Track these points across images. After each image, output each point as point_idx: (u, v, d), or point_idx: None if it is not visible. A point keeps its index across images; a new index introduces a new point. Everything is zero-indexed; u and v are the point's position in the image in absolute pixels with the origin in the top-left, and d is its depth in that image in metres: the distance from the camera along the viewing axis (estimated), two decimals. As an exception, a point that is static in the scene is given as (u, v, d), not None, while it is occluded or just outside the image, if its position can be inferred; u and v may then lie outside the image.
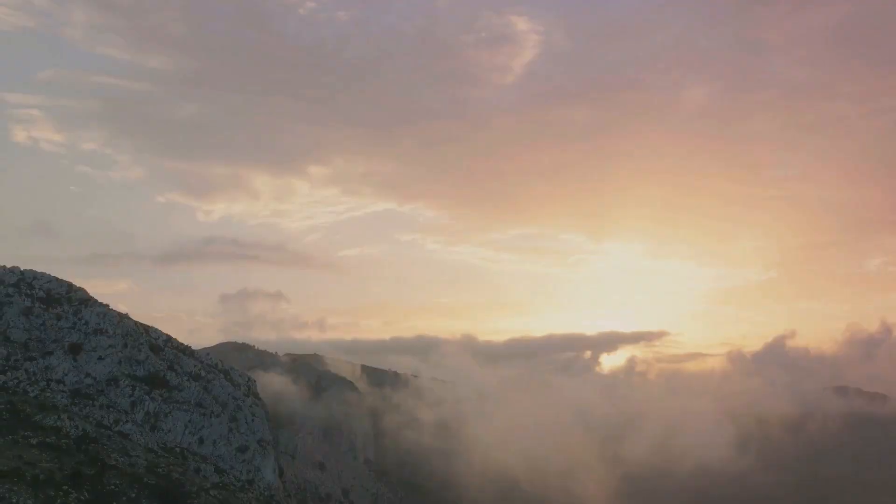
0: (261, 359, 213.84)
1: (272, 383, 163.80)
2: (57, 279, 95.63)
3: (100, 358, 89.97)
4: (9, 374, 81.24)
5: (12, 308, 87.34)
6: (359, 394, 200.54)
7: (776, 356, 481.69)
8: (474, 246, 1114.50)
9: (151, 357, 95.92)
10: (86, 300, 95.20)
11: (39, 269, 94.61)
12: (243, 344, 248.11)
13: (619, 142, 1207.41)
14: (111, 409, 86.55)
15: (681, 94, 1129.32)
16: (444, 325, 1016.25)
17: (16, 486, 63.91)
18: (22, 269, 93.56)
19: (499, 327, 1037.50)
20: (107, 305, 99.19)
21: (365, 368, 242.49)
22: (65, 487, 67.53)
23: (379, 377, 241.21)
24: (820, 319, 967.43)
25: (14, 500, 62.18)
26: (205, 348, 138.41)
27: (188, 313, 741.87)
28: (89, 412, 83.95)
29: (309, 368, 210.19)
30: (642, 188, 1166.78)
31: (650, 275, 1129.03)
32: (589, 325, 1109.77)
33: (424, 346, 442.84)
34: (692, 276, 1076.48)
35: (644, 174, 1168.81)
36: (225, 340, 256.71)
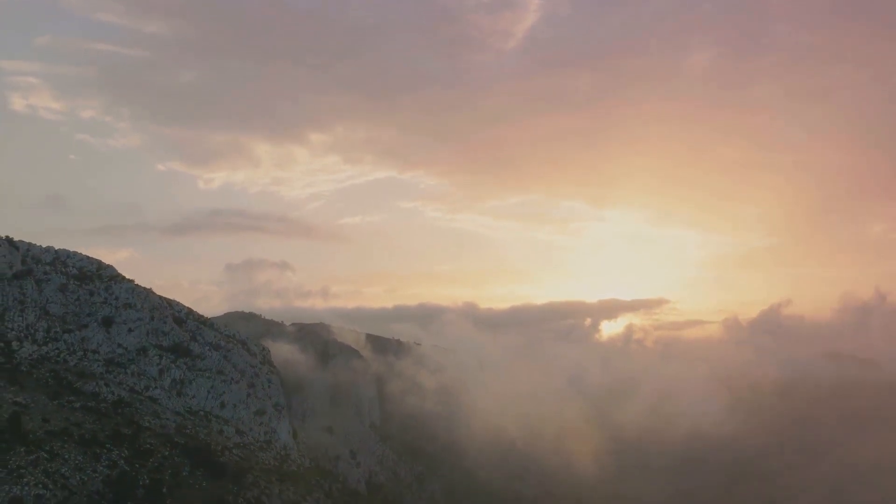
0: (268, 328, 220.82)
1: (280, 351, 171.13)
2: (88, 257, 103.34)
3: (129, 330, 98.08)
4: (50, 345, 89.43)
5: (50, 284, 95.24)
6: (364, 361, 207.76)
7: (771, 323, 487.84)
8: (475, 214, 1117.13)
9: (175, 329, 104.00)
10: (114, 276, 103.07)
11: (48, 242, 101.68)
12: (250, 313, 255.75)
13: (620, 108, 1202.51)
14: (141, 377, 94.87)
15: (683, 59, 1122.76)
16: (445, 292, 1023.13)
17: (66, 444, 72.45)
18: (56, 248, 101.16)
19: (500, 295, 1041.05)
20: (132, 281, 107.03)
21: (369, 337, 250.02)
22: (107, 445, 76.25)
23: (383, 345, 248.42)
24: (822, 286, 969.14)
25: (66, 456, 70.82)
26: (212, 318, 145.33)
27: (191, 283, 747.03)
28: (122, 379, 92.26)
29: (315, 337, 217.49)
30: (644, 155, 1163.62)
31: (651, 242, 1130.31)
32: (589, 293, 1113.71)
33: (426, 314, 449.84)
34: (693, 243, 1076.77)
35: (646, 141, 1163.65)
36: (231, 310, 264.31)
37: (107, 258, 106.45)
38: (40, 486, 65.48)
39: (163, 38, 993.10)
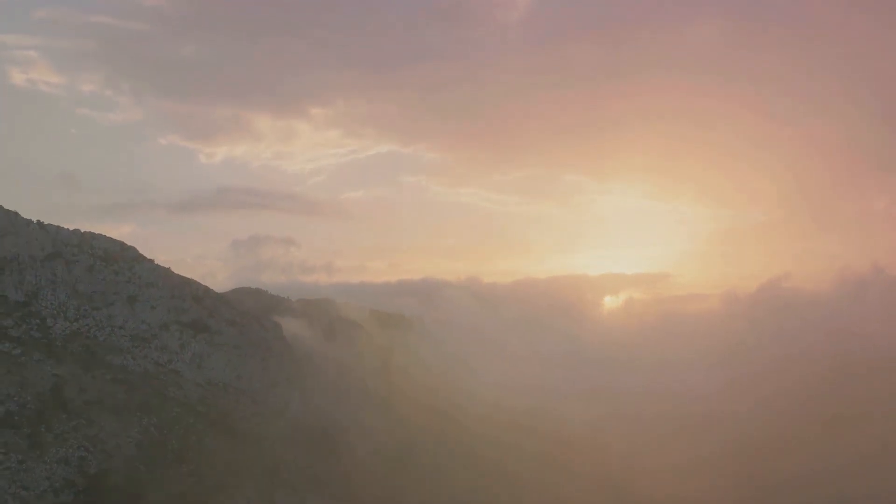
0: (274, 304, 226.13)
1: (288, 327, 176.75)
2: (111, 239, 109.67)
3: (152, 307, 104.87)
4: (80, 321, 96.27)
5: (78, 265, 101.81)
6: (369, 336, 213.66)
7: (769, 297, 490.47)
8: (478, 188, 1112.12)
9: (194, 306, 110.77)
10: (137, 257, 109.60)
11: (57, 219, 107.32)
12: (256, 289, 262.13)
13: (624, 80, 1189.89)
14: (164, 351, 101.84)
15: (689, 31, 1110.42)
16: (448, 267, 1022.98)
17: (102, 412, 79.74)
18: (82, 230, 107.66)
19: (502, 269, 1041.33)
20: (152, 261, 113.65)
21: (374, 312, 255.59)
22: (138, 414, 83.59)
23: (387, 319, 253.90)
24: (825, 260, 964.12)
25: (103, 423, 78.12)
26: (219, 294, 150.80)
27: (195, 258, 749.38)
28: (147, 353, 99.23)
29: (321, 312, 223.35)
30: (648, 127, 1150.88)
31: (655, 216, 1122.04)
32: (592, 267, 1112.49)
33: (430, 289, 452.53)
34: (697, 217, 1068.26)
35: (650, 113, 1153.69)
36: (237, 286, 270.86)
37: (110, 235, 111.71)
38: (82, 449, 72.84)
39: (163, 11, 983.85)
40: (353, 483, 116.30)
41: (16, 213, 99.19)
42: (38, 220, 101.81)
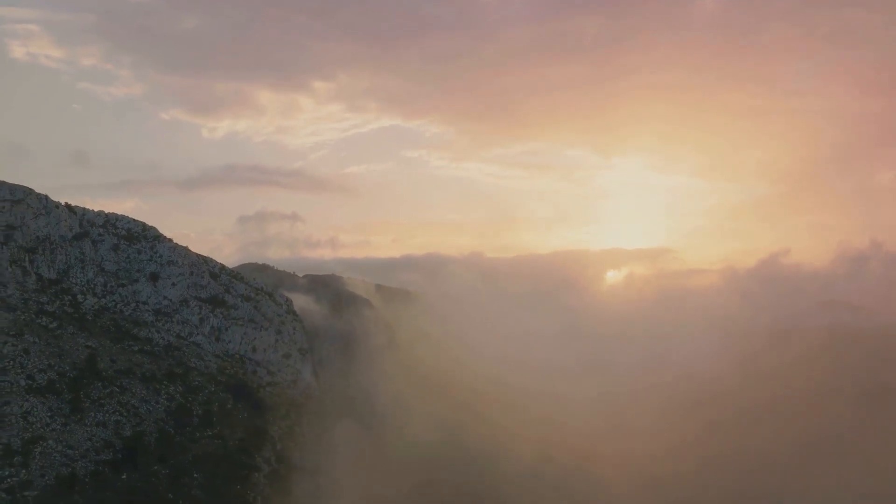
0: (280, 279, 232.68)
1: (296, 301, 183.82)
2: (133, 219, 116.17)
3: (173, 284, 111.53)
4: (108, 297, 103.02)
5: (104, 245, 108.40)
6: (374, 310, 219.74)
7: (769, 273, 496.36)
8: (481, 162, 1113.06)
9: (212, 283, 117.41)
10: (157, 237, 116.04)
11: (66, 196, 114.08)
12: (263, 265, 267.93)
13: (628, 53, 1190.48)
14: (185, 325, 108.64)
15: (693, 3, 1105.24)
16: (452, 241, 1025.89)
17: (132, 381, 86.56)
18: (106, 212, 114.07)
19: (505, 244, 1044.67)
20: (171, 240, 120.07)
21: (379, 287, 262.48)
22: (164, 382, 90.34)
23: (392, 294, 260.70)
24: (828, 234, 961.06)
25: (134, 390, 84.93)
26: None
27: (198, 234, 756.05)
28: (169, 327, 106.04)
29: (327, 288, 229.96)
30: (651, 101, 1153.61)
31: (657, 190, 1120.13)
32: (594, 242, 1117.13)
33: (434, 264, 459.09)
34: (700, 191, 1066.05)
35: (653, 87, 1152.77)
36: (242, 261, 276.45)
37: (115, 210, 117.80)
38: (117, 413, 79.74)
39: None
40: (360, 447, 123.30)
41: (46, 196, 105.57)
42: (66, 203, 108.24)
